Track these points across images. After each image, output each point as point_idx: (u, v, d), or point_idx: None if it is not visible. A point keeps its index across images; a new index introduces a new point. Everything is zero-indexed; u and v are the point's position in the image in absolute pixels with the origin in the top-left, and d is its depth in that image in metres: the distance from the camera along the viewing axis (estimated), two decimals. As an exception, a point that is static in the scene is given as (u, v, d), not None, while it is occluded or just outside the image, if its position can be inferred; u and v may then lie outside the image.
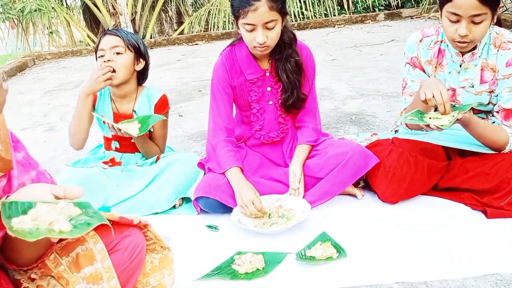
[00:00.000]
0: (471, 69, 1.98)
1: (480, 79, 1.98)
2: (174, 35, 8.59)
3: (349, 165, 2.04)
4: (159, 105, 2.34)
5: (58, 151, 3.22)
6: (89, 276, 1.12)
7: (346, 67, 4.83)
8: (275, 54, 2.11)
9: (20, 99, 5.02)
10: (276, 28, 1.96)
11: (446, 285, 1.51)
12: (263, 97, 2.17)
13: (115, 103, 2.33)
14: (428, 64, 2.07)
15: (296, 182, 2.06)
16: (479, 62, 1.97)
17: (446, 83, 2.03)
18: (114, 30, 2.26)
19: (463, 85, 2.01)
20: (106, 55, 2.19)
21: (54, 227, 0.91)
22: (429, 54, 2.05)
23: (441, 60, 2.03)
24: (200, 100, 4.23)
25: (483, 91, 1.98)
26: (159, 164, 2.25)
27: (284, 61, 2.10)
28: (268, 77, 2.15)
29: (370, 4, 8.32)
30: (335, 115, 3.37)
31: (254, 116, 2.21)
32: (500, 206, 1.86)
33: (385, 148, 2.10)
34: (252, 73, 2.13)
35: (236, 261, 1.71)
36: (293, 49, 2.11)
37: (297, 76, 2.12)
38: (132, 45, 2.24)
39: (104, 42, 2.21)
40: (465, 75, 1.99)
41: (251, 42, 1.98)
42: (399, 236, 1.81)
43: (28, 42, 8.61)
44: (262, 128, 2.22)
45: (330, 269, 1.64)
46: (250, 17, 1.90)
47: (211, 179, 2.05)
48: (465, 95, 2.01)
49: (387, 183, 2.02)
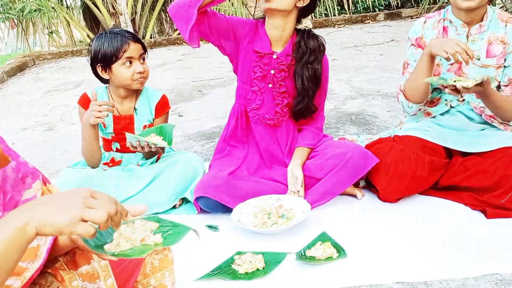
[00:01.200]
0: (477, 42, 2.04)
1: (486, 52, 2.02)
2: (174, 35, 8.59)
3: (349, 166, 2.04)
4: (160, 105, 2.34)
5: (58, 151, 3.22)
6: (86, 274, 1.12)
7: (346, 67, 4.84)
8: (294, 51, 2.11)
9: (20, 99, 5.02)
10: None
11: (446, 285, 1.51)
12: (265, 78, 2.16)
13: (116, 104, 2.32)
14: None
15: (298, 185, 2.06)
16: (485, 36, 2.03)
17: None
18: (131, 34, 2.21)
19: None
20: (137, 65, 2.18)
21: (148, 241, 0.94)
22: (434, 32, 2.11)
23: (446, 37, 2.08)
24: (200, 100, 4.23)
25: (490, 66, 2.03)
26: (159, 164, 2.25)
27: (303, 66, 2.11)
28: (275, 60, 2.14)
29: (370, 4, 8.32)
30: (335, 115, 3.37)
31: (253, 93, 2.19)
32: (501, 204, 1.86)
33: (386, 145, 2.11)
34: (260, 47, 2.12)
35: (236, 261, 1.71)
36: (317, 58, 2.12)
37: (313, 85, 2.13)
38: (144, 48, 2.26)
39: (133, 50, 2.17)
40: (472, 47, 2.03)
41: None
42: (399, 236, 1.81)
43: (28, 42, 8.61)
44: (259, 108, 2.20)
45: (330, 269, 1.64)
46: None
47: (211, 179, 2.06)
48: (472, 67, 2.04)
49: (388, 179, 2.02)
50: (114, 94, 2.30)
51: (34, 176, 1.16)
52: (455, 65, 2.06)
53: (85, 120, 2.15)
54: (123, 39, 2.16)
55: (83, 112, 2.26)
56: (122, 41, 2.15)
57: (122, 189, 2.17)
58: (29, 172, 1.15)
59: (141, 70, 2.18)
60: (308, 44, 2.10)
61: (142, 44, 2.23)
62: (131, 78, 2.18)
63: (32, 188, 1.14)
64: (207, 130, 3.35)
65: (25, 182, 1.14)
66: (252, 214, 1.99)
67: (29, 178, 1.15)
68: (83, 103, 2.29)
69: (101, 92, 2.32)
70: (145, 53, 2.24)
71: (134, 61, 2.17)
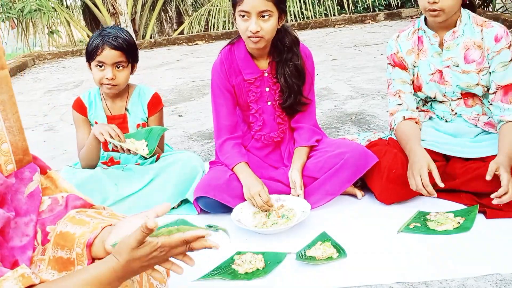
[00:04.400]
0: (453, 48, 2.02)
1: (464, 58, 2.00)
2: (174, 35, 8.59)
3: (348, 165, 2.04)
4: (152, 103, 2.32)
5: (58, 151, 3.22)
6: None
7: (346, 67, 4.83)
8: (275, 56, 2.11)
9: (20, 99, 5.02)
10: (271, 21, 1.95)
11: (446, 285, 1.51)
12: (262, 97, 2.16)
13: (107, 103, 2.31)
14: (410, 54, 2.10)
15: (298, 189, 2.06)
16: (461, 41, 2.00)
17: (431, 66, 2.07)
18: (115, 40, 2.14)
19: (447, 64, 2.03)
20: (108, 71, 2.14)
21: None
22: (409, 43, 2.11)
23: (421, 47, 2.08)
24: (200, 100, 4.23)
25: (471, 71, 2.00)
26: (159, 164, 2.25)
27: (283, 64, 2.10)
28: (267, 77, 2.14)
29: (370, 4, 8.31)
30: (335, 115, 3.37)
31: (253, 116, 2.20)
32: (499, 207, 1.86)
33: (381, 148, 2.10)
34: (250, 73, 2.12)
35: (236, 261, 1.71)
36: (294, 53, 2.11)
37: (296, 80, 2.12)
38: (132, 56, 2.21)
39: (106, 56, 2.13)
40: (448, 54, 2.03)
41: (244, 32, 1.97)
42: (399, 236, 1.81)
43: (28, 42, 8.61)
44: (262, 129, 2.21)
45: (330, 269, 1.64)
46: (245, 3, 1.92)
47: (212, 179, 2.05)
48: (452, 74, 2.03)
49: (382, 184, 2.02)
50: (105, 93, 2.30)
51: (32, 169, 1.17)
52: (436, 74, 2.05)
53: (95, 130, 2.15)
54: (102, 42, 2.13)
55: (78, 116, 2.29)
56: (99, 44, 2.13)
57: (121, 188, 2.18)
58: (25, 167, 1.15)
59: (108, 77, 2.15)
60: (283, 41, 2.09)
61: (126, 52, 2.16)
62: (99, 81, 2.18)
63: (33, 181, 1.16)
64: (207, 130, 3.35)
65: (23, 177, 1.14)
66: (252, 214, 1.99)
67: (27, 172, 1.15)
68: (77, 107, 2.30)
69: (94, 93, 2.32)
70: (126, 62, 2.17)
71: (106, 66, 2.15)
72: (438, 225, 1.83)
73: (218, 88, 2.14)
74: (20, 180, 1.14)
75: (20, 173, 1.14)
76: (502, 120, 1.96)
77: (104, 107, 2.31)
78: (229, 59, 2.13)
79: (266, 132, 2.21)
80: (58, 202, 1.18)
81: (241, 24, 1.97)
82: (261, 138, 2.22)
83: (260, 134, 2.22)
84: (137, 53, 2.27)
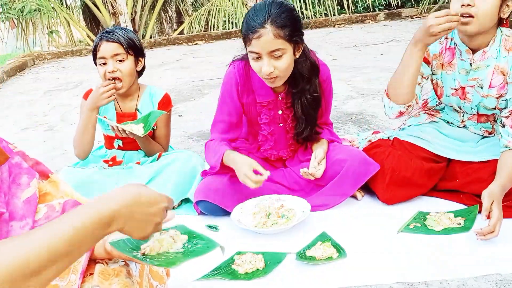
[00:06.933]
0: (481, 69, 1.91)
1: (489, 83, 1.92)
2: (174, 35, 8.59)
3: (349, 174, 2.02)
4: (163, 103, 2.35)
5: (58, 151, 3.22)
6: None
7: (346, 67, 4.83)
8: (293, 85, 1.98)
9: (20, 99, 5.02)
10: (285, 58, 1.82)
11: (446, 285, 1.51)
12: (274, 119, 2.09)
13: (118, 101, 2.34)
14: (435, 59, 2.02)
15: (315, 162, 2.00)
16: (491, 63, 1.90)
17: (456, 82, 1.98)
18: (111, 34, 2.18)
19: (472, 84, 1.96)
20: (109, 65, 2.16)
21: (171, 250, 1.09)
22: (438, 48, 2.00)
23: (451, 59, 1.98)
24: (200, 100, 4.23)
25: (490, 95, 1.93)
26: (159, 162, 2.25)
27: (301, 95, 1.99)
28: (281, 101, 2.06)
29: (370, 4, 8.32)
30: (335, 115, 3.37)
31: (263, 137, 2.14)
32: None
33: (384, 150, 2.10)
34: (263, 96, 2.03)
35: (236, 261, 1.71)
36: (313, 83, 1.98)
37: (313, 111, 2.04)
38: (131, 48, 2.21)
39: (104, 50, 2.16)
40: (475, 75, 1.93)
41: (259, 72, 1.86)
42: (399, 236, 1.81)
43: (28, 42, 8.60)
44: (272, 148, 2.17)
45: (330, 269, 1.64)
46: (254, 44, 1.78)
47: (211, 182, 2.04)
48: (474, 93, 1.97)
49: (385, 186, 2.02)
50: (115, 93, 2.30)
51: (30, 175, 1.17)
52: (459, 90, 1.98)
53: (91, 104, 2.16)
54: (99, 38, 2.19)
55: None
56: (97, 41, 2.19)
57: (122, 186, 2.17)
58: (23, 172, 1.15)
59: (109, 69, 2.16)
60: (301, 70, 1.95)
61: (123, 44, 2.17)
62: (103, 76, 2.19)
63: (31, 187, 1.15)
64: (207, 130, 3.34)
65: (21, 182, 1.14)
66: (252, 214, 1.99)
67: (25, 178, 1.15)
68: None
69: None
70: (125, 53, 2.18)
71: (107, 61, 2.17)
72: (438, 225, 1.83)
73: (228, 94, 2.05)
74: (17, 186, 1.14)
75: (18, 178, 1.14)
76: (508, 146, 1.88)
77: (115, 105, 2.34)
78: (244, 76, 2.01)
79: (275, 151, 2.18)
80: (54, 209, 1.18)
81: (254, 64, 1.85)
82: (270, 156, 2.19)
83: (270, 153, 2.19)
84: (138, 47, 2.26)
